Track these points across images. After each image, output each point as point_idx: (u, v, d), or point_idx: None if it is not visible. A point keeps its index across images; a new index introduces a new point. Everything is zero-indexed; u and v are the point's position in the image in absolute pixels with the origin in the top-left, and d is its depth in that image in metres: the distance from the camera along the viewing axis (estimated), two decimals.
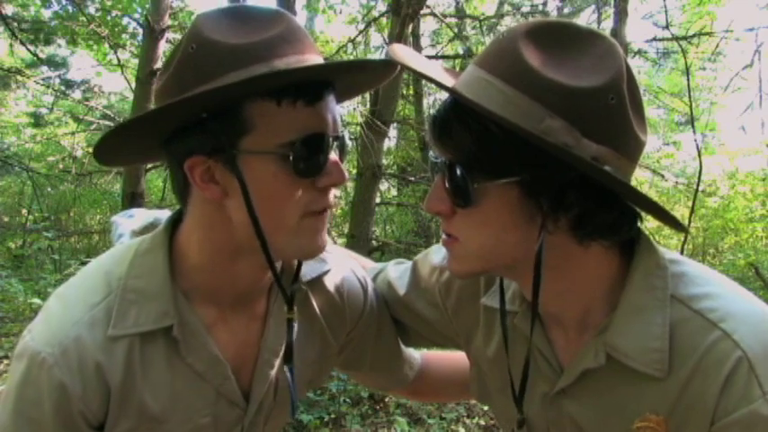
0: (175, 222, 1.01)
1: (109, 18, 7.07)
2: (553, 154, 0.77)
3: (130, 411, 0.95)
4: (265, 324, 1.07)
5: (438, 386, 1.45)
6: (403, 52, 0.92)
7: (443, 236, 0.93)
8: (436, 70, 0.93)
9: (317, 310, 1.13)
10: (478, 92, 0.80)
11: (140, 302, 0.95)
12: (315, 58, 0.92)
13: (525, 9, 9.28)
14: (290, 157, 0.88)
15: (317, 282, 1.14)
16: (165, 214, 1.19)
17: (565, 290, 0.91)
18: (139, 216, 1.23)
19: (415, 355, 1.39)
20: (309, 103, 0.89)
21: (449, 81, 0.88)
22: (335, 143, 0.94)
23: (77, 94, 9.89)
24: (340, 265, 1.19)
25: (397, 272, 1.26)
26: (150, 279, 0.96)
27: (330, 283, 1.16)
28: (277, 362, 1.07)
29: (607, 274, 0.90)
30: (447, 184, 0.86)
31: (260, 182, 0.89)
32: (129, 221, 1.22)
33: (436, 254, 1.19)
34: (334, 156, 0.94)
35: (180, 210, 1.01)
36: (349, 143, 1.02)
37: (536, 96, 0.77)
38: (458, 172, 0.84)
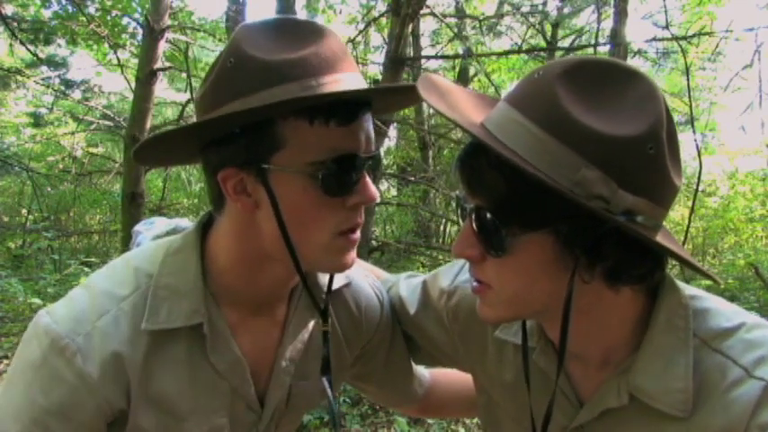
0: (204, 225, 1.02)
1: (109, 18, 7.06)
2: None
3: (150, 406, 0.95)
4: (284, 331, 1.07)
5: (444, 403, 1.45)
6: (432, 85, 0.87)
7: (473, 282, 0.90)
8: (465, 101, 0.88)
9: (336, 321, 1.14)
10: (512, 136, 0.77)
11: (172, 299, 0.96)
12: (351, 77, 0.90)
13: (525, 9, 9.26)
14: (320, 176, 0.88)
15: (337, 293, 1.14)
16: (185, 222, 1.21)
17: (590, 330, 0.89)
18: (159, 224, 1.25)
19: (424, 372, 1.39)
20: (342, 124, 0.88)
21: (477, 116, 0.84)
22: (368, 162, 0.93)
23: (77, 94, 9.88)
24: (359, 279, 1.19)
25: (408, 288, 1.25)
26: (182, 277, 0.97)
27: (349, 295, 1.17)
28: (293, 369, 1.08)
29: (633, 315, 0.89)
30: (477, 230, 0.83)
31: (290, 198, 0.89)
32: (149, 229, 1.25)
33: (445, 276, 1.18)
34: (365, 175, 0.93)
35: (209, 213, 1.02)
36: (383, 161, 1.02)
37: (572, 144, 0.74)
38: (489, 219, 0.81)
